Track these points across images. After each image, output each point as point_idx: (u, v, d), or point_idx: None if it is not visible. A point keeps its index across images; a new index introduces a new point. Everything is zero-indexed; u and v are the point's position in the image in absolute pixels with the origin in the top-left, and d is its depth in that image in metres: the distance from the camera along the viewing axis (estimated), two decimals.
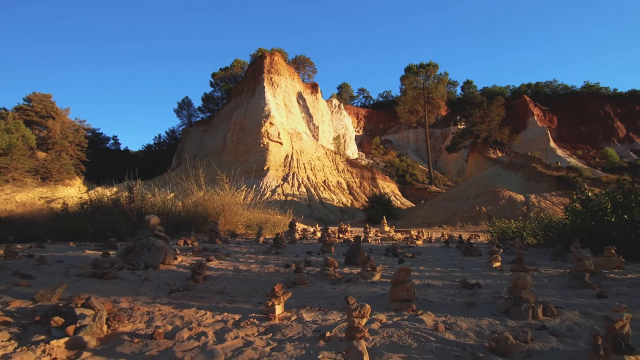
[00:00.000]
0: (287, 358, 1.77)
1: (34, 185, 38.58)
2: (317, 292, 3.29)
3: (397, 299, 2.62)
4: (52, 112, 50.25)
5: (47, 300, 2.88)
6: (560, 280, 3.94)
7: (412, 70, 62.16)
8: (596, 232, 6.80)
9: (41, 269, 4.27)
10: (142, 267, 4.39)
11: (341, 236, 11.86)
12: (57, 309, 2.27)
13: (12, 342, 1.95)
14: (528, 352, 1.81)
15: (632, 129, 70.57)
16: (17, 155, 38.98)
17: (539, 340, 1.97)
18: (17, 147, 39.39)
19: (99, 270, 3.85)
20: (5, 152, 38.04)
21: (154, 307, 2.68)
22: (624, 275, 4.47)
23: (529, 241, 10.14)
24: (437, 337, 2.00)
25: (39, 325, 2.24)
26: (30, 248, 6.72)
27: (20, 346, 1.88)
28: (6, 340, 1.97)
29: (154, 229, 5.01)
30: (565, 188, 29.80)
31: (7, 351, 1.82)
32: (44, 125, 48.17)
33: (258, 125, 43.18)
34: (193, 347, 1.91)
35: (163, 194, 14.96)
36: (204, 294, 3.20)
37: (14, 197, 28.58)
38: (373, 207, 30.83)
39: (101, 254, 4.48)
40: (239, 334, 2.10)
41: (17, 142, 40.10)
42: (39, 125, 48.49)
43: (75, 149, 49.05)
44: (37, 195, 32.54)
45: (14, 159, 38.66)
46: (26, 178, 39.95)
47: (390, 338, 2.01)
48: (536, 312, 2.38)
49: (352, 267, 4.98)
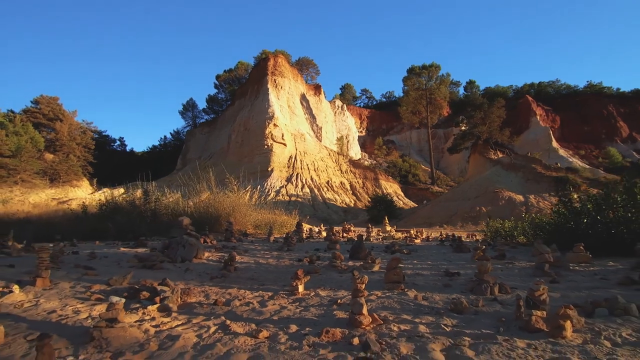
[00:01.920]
0: (312, 315, 2.60)
1: (42, 187, 39.58)
2: (328, 279, 4.13)
3: (389, 280, 3.45)
4: (60, 114, 51.20)
5: (119, 284, 3.72)
6: (528, 271, 4.74)
7: (415, 72, 62.72)
8: (575, 231, 7.57)
9: (95, 262, 5.11)
10: (179, 260, 5.24)
11: (345, 235, 12.67)
12: (143, 286, 3.11)
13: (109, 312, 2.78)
14: (476, 312, 2.63)
15: (635, 129, 70.26)
16: (26, 157, 39.96)
17: (488, 306, 2.79)
18: (26, 149, 40.37)
19: (149, 262, 4.70)
20: (14, 154, 38.99)
21: (205, 287, 3.52)
22: (587, 268, 5.25)
23: (519, 240, 10.92)
24: (415, 303, 2.83)
25: (128, 299, 3.08)
26: (64, 246, 7.57)
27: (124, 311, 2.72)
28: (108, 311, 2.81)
29: (186, 229, 5.86)
30: (564, 188, 30.47)
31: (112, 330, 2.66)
32: (52, 128, 49.07)
33: (262, 126, 43.91)
34: (246, 309, 2.74)
35: (175, 195, 15.85)
36: (238, 280, 4.04)
37: (27, 199, 29.57)
38: (375, 207, 31.49)
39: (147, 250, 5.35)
40: (275, 302, 2.93)
41: (26, 144, 41.11)
42: (47, 128, 49.44)
43: (82, 151, 49.91)
44: (49, 197, 33.55)
45: (22, 160, 39.61)
46: (35, 179, 40.96)
47: (383, 304, 2.84)
48: (493, 289, 3.19)
49: (356, 261, 5.80)
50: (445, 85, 64.36)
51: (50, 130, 49.43)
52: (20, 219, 14.99)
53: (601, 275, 4.41)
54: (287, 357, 1.83)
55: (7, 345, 1.97)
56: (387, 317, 2.52)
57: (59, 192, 36.61)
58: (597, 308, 2.61)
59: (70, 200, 30.00)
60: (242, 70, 66.28)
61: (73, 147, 49.17)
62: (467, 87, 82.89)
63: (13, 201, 26.61)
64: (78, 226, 11.73)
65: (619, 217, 6.88)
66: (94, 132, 56.96)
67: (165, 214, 12.75)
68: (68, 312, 2.63)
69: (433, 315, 2.57)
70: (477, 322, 2.41)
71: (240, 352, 1.89)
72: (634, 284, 3.68)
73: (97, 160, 50.39)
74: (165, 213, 12.79)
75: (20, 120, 44.76)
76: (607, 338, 2.10)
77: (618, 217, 6.90)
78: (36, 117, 49.22)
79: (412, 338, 2.09)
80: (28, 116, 48.64)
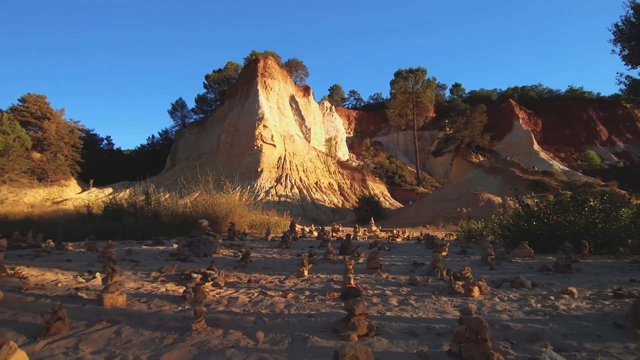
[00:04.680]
0: (317, 287, 3.88)
1: (30, 186, 39.63)
2: (324, 267, 5.42)
3: (370, 267, 4.77)
4: (47, 112, 50.86)
5: (169, 272, 4.91)
6: (477, 262, 6.13)
7: (402, 75, 64.47)
8: (528, 231, 9.05)
9: (136, 257, 6.27)
10: (202, 255, 6.45)
11: (334, 235, 13.98)
12: (195, 271, 4.35)
13: (178, 286, 4.02)
14: (425, 285, 3.97)
15: (614, 132, 72.72)
16: (14, 156, 39.86)
17: (434, 282, 4.13)
18: (14, 148, 40.23)
19: (181, 256, 5.90)
20: (2, 153, 38.83)
21: (233, 273, 4.76)
22: (526, 260, 6.68)
23: (489, 239, 12.44)
24: (386, 280, 4.17)
25: (185, 280, 4.31)
26: (85, 244, 8.65)
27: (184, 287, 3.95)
28: (175, 285, 4.04)
29: (205, 229, 7.08)
30: (540, 191, 32.48)
31: (179, 290, 3.89)
32: (39, 126, 48.69)
33: (252, 127, 44.63)
34: (272, 285, 4.01)
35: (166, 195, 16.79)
36: (255, 269, 5.29)
37: (22, 199, 29.89)
38: (363, 208, 32.79)
39: (165, 248, 6.53)
40: (290, 281, 4.21)
41: (14, 143, 40.93)
42: (34, 126, 49.07)
43: (70, 150, 49.72)
44: (43, 197, 33.82)
45: (10, 159, 39.51)
46: (22, 179, 40.95)
47: (364, 280, 4.16)
48: (442, 272, 4.53)
49: (345, 255, 7.11)
50: (431, 88, 66.28)
51: (37, 129, 49.05)
52: (22, 219, 15.72)
53: (530, 265, 5.83)
54: (307, 305, 3.10)
55: (131, 304, 3.20)
56: (367, 287, 3.82)
57: (52, 191, 36.81)
58: (503, 282, 3.98)
59: (65, 201, 30.50)
60: (232, 71, 66.51)
61: (61, 146, 48.96)
62: (453, 90, 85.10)
63: (8, 201, 26.97)
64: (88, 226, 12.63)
65: (559, 221, 8.40)
66: (81, 130, 56.60)
67: (166, 214, 13.78)
68: (149, 288, 3.84)
69: (396, 286, 3.89)
70: (424, 289, 3.74)
71: (278, 303, 3.14)
72: (546, 271, 5.09)
73: (85, 159, 50.16)
74: (166, 214, 13.82)
75: (7, 119, 44.37)
76: (498, 297, 3.44)
77: (559, 221, 8.42)
78: (23, 116, 48.80)
79: (380, 296, 3.40)
80: (15, 114, 48.17)
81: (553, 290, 3.70)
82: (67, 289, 3.71)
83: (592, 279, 4.49)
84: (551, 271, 5.04)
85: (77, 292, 3.45)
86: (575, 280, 4.33)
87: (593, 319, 2.68)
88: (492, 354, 1.72)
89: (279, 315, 2.76)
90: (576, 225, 8.18)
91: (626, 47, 16.82)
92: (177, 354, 1.97)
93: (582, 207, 8.62)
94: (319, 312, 2.84)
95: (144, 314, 2.80)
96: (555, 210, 8.76)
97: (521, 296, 3.47)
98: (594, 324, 2.55)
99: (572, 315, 2.79)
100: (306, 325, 2.48)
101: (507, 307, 3.08)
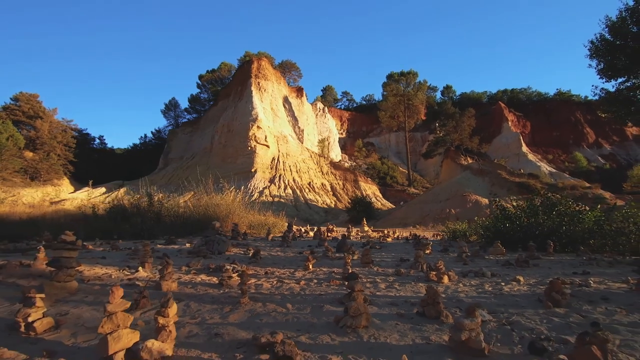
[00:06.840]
0: (322, 277, 4.88)
1: (23, 185, 39.75)
2: (325, 263, 6.42)
3: (363, 261, 5.80)
4: (40, 112, 50.78)
5: (196, 266, 5.85)
6: (454, 258, 7.20)
7: (394, 78, 65.71)
8: (503, 231, 10.17)
9: (158, 254, 7.18)
10: (216, 252, 7.38)
11: (329, 235, 14.99)
12: (220, 265, 5.30)
13: (210, 277, 4.97)
14: (407, 275, 5.01)
15: (601, 135, 74.78)
16: (7, 156, 39.95)
17: (416, 274, 5.17)
18: (7, 147, 40.30)
19: (201, 253, 6.84)
20: None
21: (251, 267, 5.73)
22: (498, 258, 7.76)
23: (472, 238, 13.57)
24: (377, 272, 5.20)
25: (213, 272, 5.26)
26: (102, 244, 9.50)
27: (217, 278, 4.91)
28: (206, 276, 5.00)
29: (218, 230, 8.02)
30: (525, 192, 33.94)
31: (213, 280, 4.85)
32: (32, 126, 48.57)
33: (246, 128, 45.10)
34: (285, 275, 4.99)
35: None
36: (266, 264, 6.26)
37: (20, 199, 30.26)
38: (355, 208, 33.76)
39: (188, 246, 7.46)
40: (299, 273, 5.19)
41: (7, 142, 40.98)
42: (27, 126, 48.98)
43: (63, 149, 49.70)
44: (40, 197, 34.13)
45: (3, 159, 39.58)
46: (15, 178, 41.05)
47: (359, 272, 5.18)
48: (422, 266, 5.56)
49: (341, 253, 8.12)
50: (422, 91, 67.64)
51: (30, 128, 48.95)
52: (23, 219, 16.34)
53: (498, 261, 6.91)
54: (317, 288, 4.08)
55: (182, 289, 4.15)
56: (361, 277, 4.84)
57: (48, 191, 37.09)
58: (469, 273, 5.03)
59: (62, 201, 30.93)
60: (225, 71, 66.80)
61: (54, 146, 48.88)
62: (444, 91, 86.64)
63: (7, 202, 27.37)
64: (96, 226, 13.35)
65: (530, 222, 9.54)
66: (74, 130, 56.44)
67: (167, 215, 14.59)
68: (187, 278, 4.78)
69: (384, 276, 4.92)
70: (406, 278, 4.77)
71: (295, 288, 4.12)
72: (508, 265, 6.16)
73: (78, 158, 50.11)
74: (168, 215, 14.62)
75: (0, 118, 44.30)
76: (462, 283, 4.47)
77: (529, 222, 9.55)
78: (16, 115, 48.71)
79: (372, 282, 4.43)
80: (8, 113, 48.09)
81: (506, 279, 4.76)
82: (120, 280, 4.63)
83: (543, 271, 5.56)
84: (512, 265, 6.11)
85: (135, 281, 4.39)
86: (528, 272, 5.40)
87: (525, 297, 3.72)
88: (442, 311, 2.73)
89: (298, 295, 3.75)
90: (544, 226, 9.32)
91: (602, 62, 18.18)
92: (238, 315, 2.94)
93: (550, 210, 9.76)
94: (327, 293, 3.84)
95: (196, 295, 3.76)
96: (527, 213, 9.90)
97: (480, 283, 4.52)
98: (524, 300, 3.59)
99: (511, 294, 3.84)
100: (320, 300, 3.48)
101: (466, 289, 4.12)
